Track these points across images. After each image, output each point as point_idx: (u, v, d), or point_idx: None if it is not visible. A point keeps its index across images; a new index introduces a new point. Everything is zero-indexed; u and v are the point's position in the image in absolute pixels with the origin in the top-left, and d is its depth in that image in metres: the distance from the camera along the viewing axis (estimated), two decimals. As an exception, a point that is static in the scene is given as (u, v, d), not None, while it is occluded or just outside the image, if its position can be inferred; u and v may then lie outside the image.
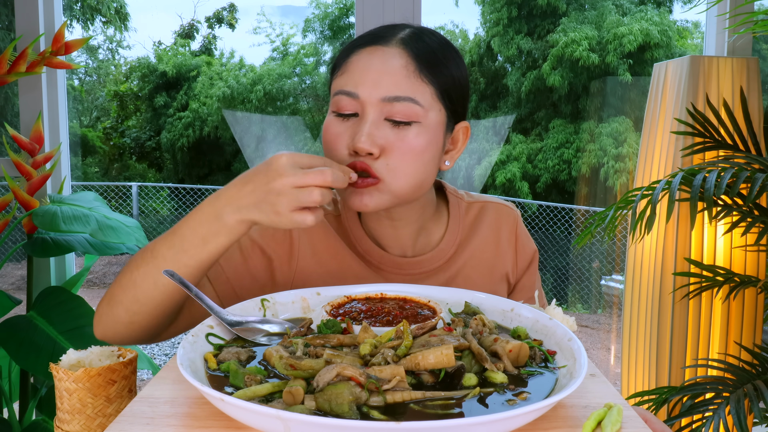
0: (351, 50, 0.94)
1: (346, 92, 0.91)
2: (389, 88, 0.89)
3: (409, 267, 1.02)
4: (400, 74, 0.90)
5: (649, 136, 2.00)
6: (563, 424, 0.59)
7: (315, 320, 0.83)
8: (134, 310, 0.85)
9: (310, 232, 1.02)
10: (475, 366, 0.66)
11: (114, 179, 9.40)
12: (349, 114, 0.92)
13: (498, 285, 1.08)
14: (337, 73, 0.95)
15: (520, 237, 1.11)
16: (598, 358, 5.20)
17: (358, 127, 0.90)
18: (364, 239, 1.02)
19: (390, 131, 0.90)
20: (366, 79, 0.90)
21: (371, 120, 0.89)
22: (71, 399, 0.73)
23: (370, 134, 0.88)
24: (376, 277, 1.02)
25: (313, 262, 1.01)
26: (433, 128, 0.92)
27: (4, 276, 5.50)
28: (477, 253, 1.07)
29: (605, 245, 6.13)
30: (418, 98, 0.90)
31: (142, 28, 15.10)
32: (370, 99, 0.90)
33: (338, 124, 0.92)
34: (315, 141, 8.76)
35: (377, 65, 0.90)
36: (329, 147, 0.93)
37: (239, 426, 0.58)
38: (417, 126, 0.90)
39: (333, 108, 0.94)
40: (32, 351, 1.54)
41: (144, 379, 3.93)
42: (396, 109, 0.89)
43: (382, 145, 0.89)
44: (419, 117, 0.90)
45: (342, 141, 0.91)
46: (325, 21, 9.63)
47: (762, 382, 1.58)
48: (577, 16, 8.64)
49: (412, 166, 0.91)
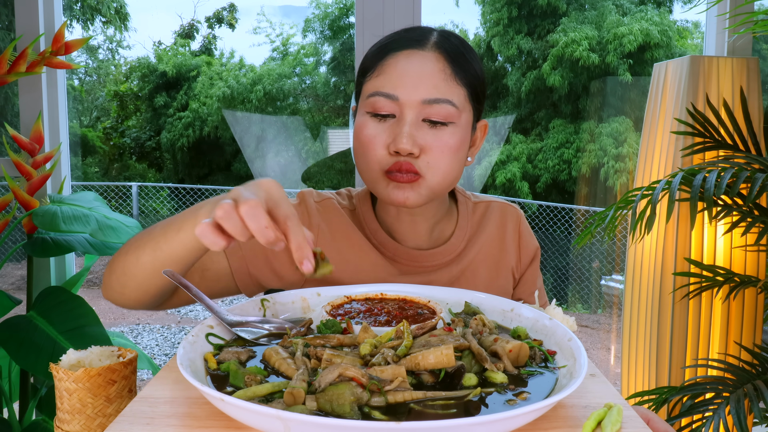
0: (385, 53, 0.98)
1: (385, 94, 0.95)
2: (429, 91, 0.94)
3: (423, 259, 1.06)
4: (438, 77, 0.94)
5: (649, 136, 2.00)
6: (563, 424, 0.59)
7: (315, 320, 0.83)
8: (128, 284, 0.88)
9: (329, 220, 1.05)
10: (475, 366, 0.67)
11: (114, 179, 9.40)
12: (385, 115, 0.95)
13: (504, 279, 1.13)
14: (371, 75, 0.98)
15: (523, 234, 1.16)
16: (598, 358, 5.20)
17: (397, 128, 0.94)
18: (380, 232, 1.06)
19: (428, 132, 0.95)
20: (405, 82, 0.94)
21: (410, 121, 0.94)
22: (71, 399, 0.73)
23: (410, 135, 0.93)
24: (392, 266, 1.05)
25: (332, 250, 1.04)
26: (465, 127, 0.98)
27: (4, 276, 5.50)
28: (484, 249, 1.11)
29: (605, 245, 6.13)
30: (454, 100, 0.95)
31: (142, 28, 15.10)
32: (410, 101, 0.94)
33: (375, 125, 0.96)
34: (315, 141, 8.76)
35: (416, 68, 0.94)
36: (366, 147, 0.96)
37: (239, 426, 0.58)
38: (452, 126, 0.95)
39: (368, 109, 0.97)
40: (32, 351, 1.54)
41: (144, 379, 3.93)
42: (434, 110, 0.94)
43: (421, 145, 0.94)
44: (454, 118, 0.95)
45: (380, 141, 0.95)
46: (325, 21, 9.63)
47: (762, 382, 1.58)
48: (577, 16, 8.64)
49: (449, 164, 0.96)
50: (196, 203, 0.84)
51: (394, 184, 0.95)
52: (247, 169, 8.86)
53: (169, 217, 0.86)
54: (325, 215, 1.06)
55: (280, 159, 8.64)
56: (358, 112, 1.00)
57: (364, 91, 0.99)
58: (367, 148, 0.96)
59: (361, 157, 0.98)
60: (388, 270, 1.05)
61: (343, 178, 8.14)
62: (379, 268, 1.05)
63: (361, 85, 1.01)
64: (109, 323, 5.57)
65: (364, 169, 0.99)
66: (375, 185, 0.99)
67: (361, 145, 0.97)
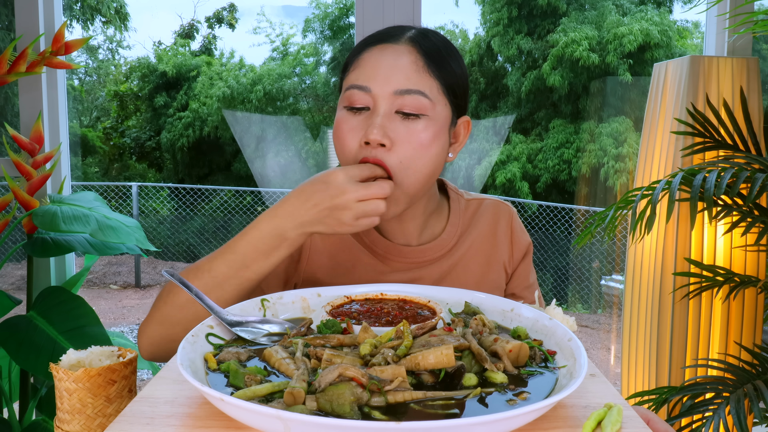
0: (362, 48, 1.00)
1: (359, 86, 0.96)
2: (400, 82, 0.94)
3: (413, 255, 1.07)
4: (410, 69, 0.95)
5: (649, 136, 2.00)
6: (563, 424, 0.59)
7: (315, 320, 0.83)
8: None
9: None
10: (475, 366, 0.66)
11: (114, 179, 9.39)
12: (360, 108, 0.96)
13: (495, 274, 1.14)
14: (349, 70, 1.00)
15: (515, 230, 1.17)
16: (598, 358, 5.20)
17: (370, 120, 0.95)
18: (371, 231, 1.07)
19: (400, 124, 0.95)
20: (378, 74, 0.95)
21: (383, 112, 0.94)
22: (71, 399, 0.73)
23: (382, 126, 0.93)
24: (382, 264, 1.06)
25: (323, 251, 1.06)
26: (439, 122, 0.97)
27: (4, 276, 5.50)
28: (476, 245, 1.12)
29: (605, 245, 6.13)
30: (426, 91, 0.95)
31: (142, 28, 15.10)
32: (382, 92, 0.94)
33: (350, 118, 0.97)
34: (315, 141, 8.76)
35: (388, 61, 0.96)
36: (342, 141, 0.97)
37: (239, 426, 0.58)
38: (425, 119, 0.95)
39: (345, 103, 0.98)
40: (32, 351, 1.54)
41: (144, 379, 3.93)
42: (406, 101, 0.94)
43: (392, 137, 0.94)
44: (427, 110, 0.95)
45: (354, 135, 0.96)
46: (325, 21, 9.63)
47: (762, 382, 1.58)
48: (577, 16, 8.64)
49: (421, 159, 0.96)
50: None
51: None
52: (247, 169, 8.86)
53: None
54: None
55: (280, 159, 8.63)
56: (338, 108, 1.01)
57: (343, 86, 1.01)
58: (342, 141, 0.97)
59: (338, 152, 0.99)
60: (378, 268, 1.06)
61: (343, 178, 8.11)
62: (369, 266, 1.06)
63: (341, 81, 1.03)
64: (109, 323, 5.57)
65: (341, 163, 1.00)
66: None
67: (338, 139, 0.98)
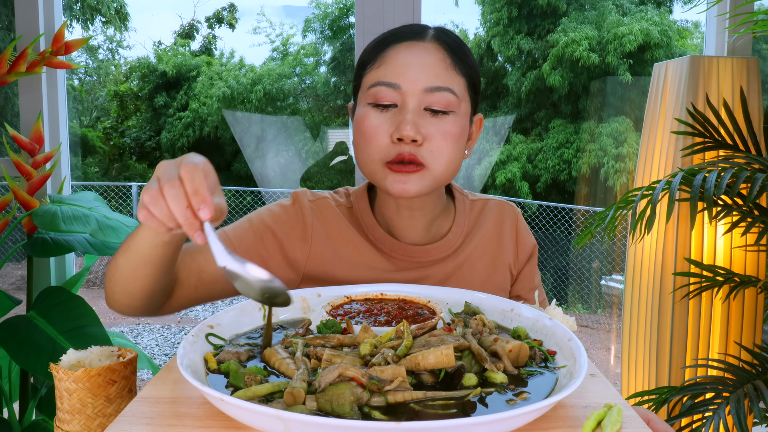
0: (386, 45, 0.99)
1: (387, 83, 0.96)
2: (430, 79, 0.95)
3: (420, 255, 1.07)
4: (440, 66, 0.96)
5: (649, 136, 2.00)
6: (563, 424, 0.59)
7: (315, 320, 0.83)
8: (115, 290, 0.87)
9: (323, 219, 1.06)
10: (475, 366, 0.66)
11: (114, 179, 9.39)
12: (387, 105, 0.97)
13: (501, 275, 1.13)
14: (372, 66, 0.99)
15: (520, 231, 1.17)
16: (598, 358, 5.20)
17: (399, 117, 0.95)
18: (376, 228, 1.07)
19: (429, 120, 0.96)
20: (407, 71, 0.96)
21: (413, 109, 0.95)
22: (71, 399, 0.73)
23: (414, 122, 0.94)
24: (388, 262, 1.06)
25: (327, 248, 1.05)
26: (464, 117, 1.00)
27: (4, 276, 5.50)
28: (481, 245, 1.12)
29: (605, 245, 6.13)
30: (454, 88, 0.97)
31: (142, 28, 15.08)
32: (412, 89, 0.95)
33: (377, 115, 0.97)
34: (315, 141, 8.76)
35: (417, 58, 0.96)
36: (369, 138, 0.97)
37: (239, 426, 0.58)
38: (453, 115, 0.97)
39: (369, 100, 0.98)
40: (32, 351, 1.54)
41: (144, 379, 3.93)
42: (435, 98, 0.95)
43: (424, 133, 0.95)
44: (455, 106, 0.97)
45: (382, 131, 0.96)
46: (325, 21, 9.63)
47: (762, 382, 1.58)
48: (577, 16, 8.64)
49: (451, 152, 0.97)
50: None
51: (394, 175, 0.96)
52: (247, 169, 8.86)
53: None
54: (320, 214, 1.06)
55: (280, 159, 8.63)
56: (359, 105, 1.01)
57: (364, 83, 1.00)
58: (369, 139, 0.97)
59: (363, 149, 0.99)
60: (384, 266, 1.05)
61: (343, 178, 8.14)
62: (374, 264, 1.05)
63: (360, 78, 1.02)
64: (109, 323, 5.57)
65: (365, 160, 0.99)
66: (375, 176, 0.99)
67: (363, 136, 0.98)
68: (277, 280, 0.71)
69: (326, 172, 8.51)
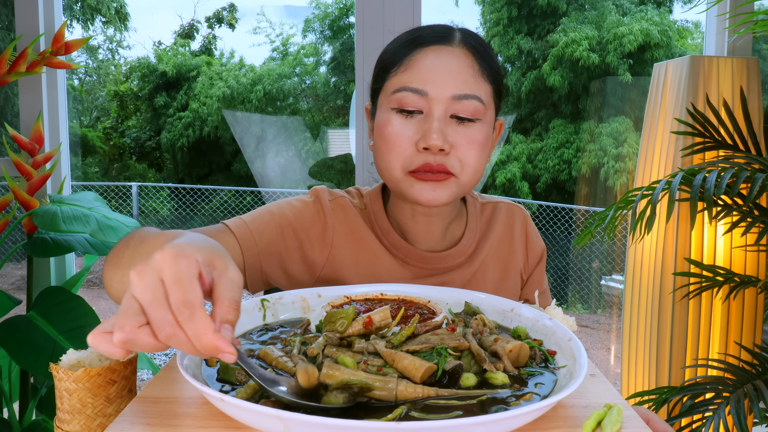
0: (412, 48, 0.95)
1: (413, 89, 0.93)
2: (458, 86, 0.92)
3: (435, 261, 1.04)
4: (468, 73, 0.94)
5: (649, 136, 2.00)
6: (563, 424, 0.59)
7: (314, 320, 0.83)
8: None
9: (342, 220, 1.03)
10: (475, 366, 0.66)
11: (114, 179, 9.39)
12: (411, 111, 0.94)
13: (512, 280, 1.12)
14: (397, 70, 0.95)
15: (530, 235, 1.16)
16: (598, 358, 5.19)
17: (426, 124, 0.92)
18: (391, 233, 1.04)
19: (456, 128, 0.94)
20: (435, 77, 0.92)
21: (439, 117, 0.92)
22: (71, 399, 0.73)
23: (441, 131, 0.91)
24: (404, 269, 1.03)
25: (345, 252, 1.02)
26: (489, 124, 0.98)
27: (4, 276, 5.50)
28: (494, 250, 1.10)
29: (605, 245, 6.13)
30: (481, 96, 0.94)
31: (142, 28, 15.07)
32: (440, 96, 0.92)
33: (402, 121, 0.94)
34: (315, 141, 8.76)
35: (445, 63, 0.93)
36: (391, 144, 0.94)
37: (239, 426, 0.58)
38: (479, 123, 0.95)
39: (393, 105, 0.95)
40: (32, 351, 1.54)
41: (144, 379, 3.93)
42: (462, 106, 0.93)
43: (450, 141, 0.93)
44: (481, 114, 0.95)
45: (407, 138, 0.93)
46: (325, 21, 9.63)
47: (762, 382, 1.58)
48: (577, 16, 8.64)
49: (478, 160, 0.95)
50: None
51: (421, 184, 0.94)
52: (247, 169, 8.86)
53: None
54: (339, 214, 1.03)
55: (280, 159, 8.63)
56: (381, 109, 0.97)
57: (387, 86, 0.96)
58: (392, 145, 0.94)
59: (384, 155, 0.96)
60: (402, 273, 1.03)
61: (343, 178, 8.14)
62: (392, 271, 1.03)
63: (383, 80, 0.98)
64: (109, 323, 5.56)
65: (387, 167, 0.96)
66: (398, 184, 0.96)
67: (385, 142, 0.95)
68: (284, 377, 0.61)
69: (326, 171, 8.50)
